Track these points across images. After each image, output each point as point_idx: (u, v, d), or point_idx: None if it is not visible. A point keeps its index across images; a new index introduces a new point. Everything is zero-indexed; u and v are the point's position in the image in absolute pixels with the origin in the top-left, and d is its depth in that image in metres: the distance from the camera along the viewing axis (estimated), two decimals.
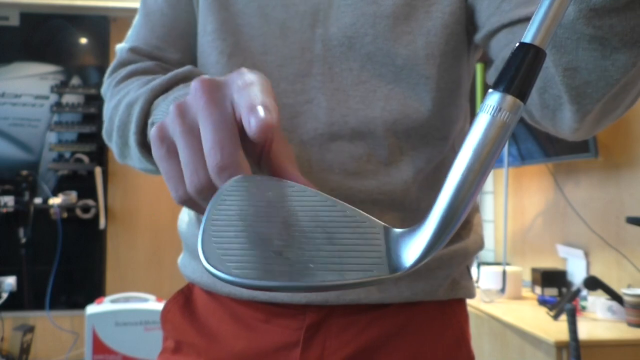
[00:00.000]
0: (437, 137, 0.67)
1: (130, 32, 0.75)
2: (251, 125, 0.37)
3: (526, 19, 0.59)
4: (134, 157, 0.58)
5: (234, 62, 0.67)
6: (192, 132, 0.40)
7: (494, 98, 0.30)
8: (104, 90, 0.71)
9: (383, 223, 0.36)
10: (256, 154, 0.42)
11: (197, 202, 0.41)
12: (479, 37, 0.64)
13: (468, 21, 0.66)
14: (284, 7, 0.66)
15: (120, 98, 0.63)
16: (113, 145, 0.64)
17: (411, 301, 0.66)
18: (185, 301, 0.73)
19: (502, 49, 0.61)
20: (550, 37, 0.31)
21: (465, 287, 0.71)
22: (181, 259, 0.77)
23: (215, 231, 0.34)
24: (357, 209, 0.37)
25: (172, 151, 0.42)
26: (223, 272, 0.31)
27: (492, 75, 0.64)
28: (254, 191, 0.37)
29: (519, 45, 0.31)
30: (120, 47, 0.74)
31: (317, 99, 0.64)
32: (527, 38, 0.31)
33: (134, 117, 0.55)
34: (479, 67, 2.47)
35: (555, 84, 0.52)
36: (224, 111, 0.40)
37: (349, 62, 0.64)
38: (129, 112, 0.58)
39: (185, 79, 0.57)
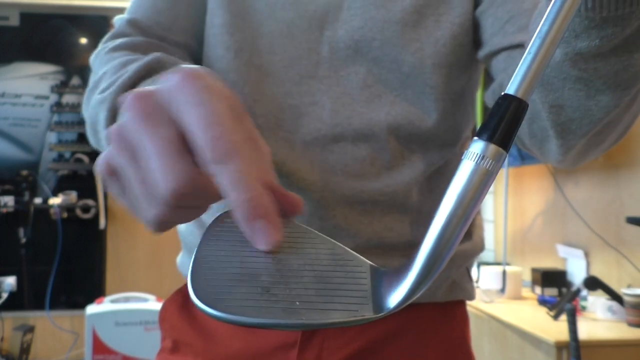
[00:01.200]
0: (438, 143, 0.67)
1: (131, 4, 0.70)
2: (257, 244, 0.34)
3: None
4: None
5: (240, 59, 0.66)
6: (137, 163, 0.34)
7: (477, 146, 0.31)
8: (92, 59, 0.66)
9: (369, 262, 0.37)
10: None
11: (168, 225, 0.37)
12: (481, 54, 0.64)
13: (475, 34, 0.66)
14: (293, 6, 0.65)
15: (96, 80, 0.58)
16: (89, 133, 0.60)
17: (410, 302, 0.66)
18: (183, 300, 0.73)
19: (500, 73, 0.61)
20: (533, 89, 0.32)
21: (464, 289, 0.71)
22: (180, 258, 0.77)
23: (205, 269, 0.34)
24: (345, 247, 0.38)
25: (125, 184, 0.36)
26: (212, 309, 0.32)
27: (490, 97, 0.64)
28: None
29: (502, 96, 0.32)
30: (118, 18, 0.70)
31: (322, 101, 0.64)
32: (511, 90, 0.32)
33: (101, 123, 0.52)
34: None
35: (542, 117, 0.53)
36: (165, 132, 0.33)
37: (355, 65, 0.64)
38: (96, 112, 0.54)
39: (152, 71, 0.52)
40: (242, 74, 0.66)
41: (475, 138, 0.32)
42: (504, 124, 0.31)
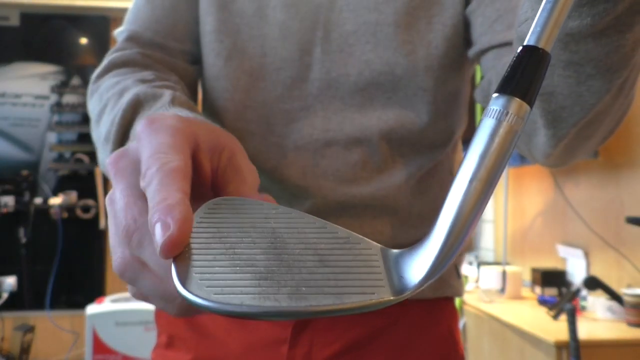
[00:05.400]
0: (429, 145, 0.67)
1: (129, 14, 0.71)
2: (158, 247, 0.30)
3: None
4: None
5: (231, 65, 0.66)
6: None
7: (499, 102, 0.29)
8: (94, 76, 0.66)
9: (379, 244, 0.33)
10: (208, 187, 0.38)
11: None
12: (471, 53, 0.65)
13: (465, 33, 0.66)
14: (284, 8, 0.65)
15: (92, 110, 0.59)
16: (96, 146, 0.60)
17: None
18: None
19: (488, 70, 0.61)
20: (554, 38, 0.29)
21: (452, 286, 0.72)
22: None
23: (191, 254, 0.29)
24: (349, 230, 0.34)
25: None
26: (202, 298, 0.27)
27: (479, 94, 0.64)
28: (233, 213, 0.33)
29: (523, 48, 0.30)
30: (118, 32, 0.70)
31: (313, 106, 0.64)
32: (531, 40, 0.29)
33: (104, 161, 0.53)
34: (477, 70, 2.47)
35: None
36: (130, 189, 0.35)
37: (346, 67, 0.64)
38: (100, 150, 0.56)
39: (138, 106, 0.52)
40: (232, 80, 0.66)
41: (496, 94, 0.29)
42: (527, 78, 0.29)
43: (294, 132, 0.64)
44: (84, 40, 3.62)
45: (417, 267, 0.29)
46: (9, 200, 3.37)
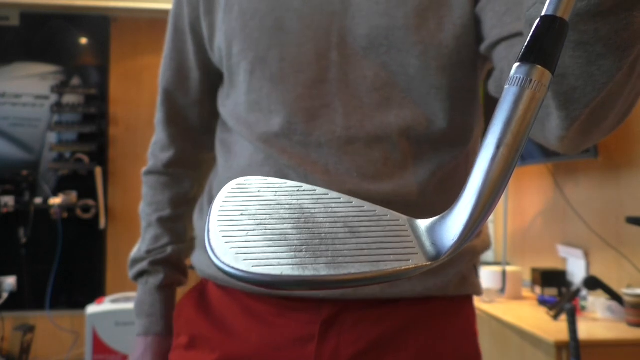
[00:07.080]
0: (447, 142, 0.69)
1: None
2: None
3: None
4: None
5: (255, 76, 0.69)
6: None
7: (522, 70, 0.29)
8: (143, 172, 0.91)
9: (405, 216, 0.34)
10: None
11: None
12: (482, 48, 0.66)
13: (477, 30, 0.67)
14: (299, 19, 0.68)
15: (146, 199, 0.92)
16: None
17: (423, 296, 0.68)
18: (199, 296, 0.76)
19: (500, 61, 0.62)
20: (571, 7, 0.30)
21: (473, 284, 0.73)
22: (194, 254, 0.80)
23: (223, 229, 0.30)
24: (374, 204, 0.34)
25: None
26: (241, 271, 0.27)
27: (492, 85, 0.65)
28: (258, 192, 0.34)
29: (542, 18, 0.31)
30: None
31: (333, 104, 0.66)
32: (549, 11, 0.30)
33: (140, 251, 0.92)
34: None
35: None
36: None
37: (363, 70, 0.66)
38: (142, 234, 0.97)
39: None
40: (257, 91, 0.69)
41: (517, 64, 0.30)
42: (547, 45, 0.29)
43: (316, 129, 0.66)
44: (84, 40, 3.61)
45: (448, 232, 0.30)
46: (9, 200, 3.37)
